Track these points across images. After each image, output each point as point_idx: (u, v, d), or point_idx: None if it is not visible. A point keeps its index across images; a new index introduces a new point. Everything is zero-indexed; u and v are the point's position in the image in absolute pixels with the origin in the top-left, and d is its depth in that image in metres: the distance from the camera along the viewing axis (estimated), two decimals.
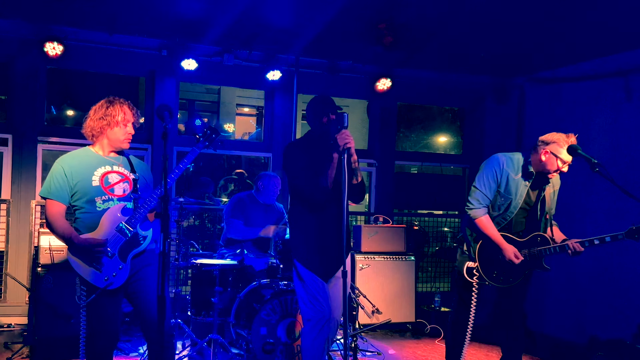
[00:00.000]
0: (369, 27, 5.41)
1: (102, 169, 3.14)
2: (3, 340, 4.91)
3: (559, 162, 3.52)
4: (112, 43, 5.71)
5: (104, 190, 3.09)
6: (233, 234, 5.01)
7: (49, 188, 3.09)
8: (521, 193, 3.61)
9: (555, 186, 3.76)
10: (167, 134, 2.78)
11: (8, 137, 5.71)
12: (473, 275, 3.67)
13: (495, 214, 3.68)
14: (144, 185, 3.24)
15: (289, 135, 6.50)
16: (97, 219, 3.05)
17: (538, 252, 3.64)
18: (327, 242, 3.33)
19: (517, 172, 3.62)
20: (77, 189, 3.08)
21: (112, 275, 3.02)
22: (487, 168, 3.65)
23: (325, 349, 3.41)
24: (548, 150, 3.53)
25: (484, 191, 3.62)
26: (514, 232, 3.69)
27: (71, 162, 3.13)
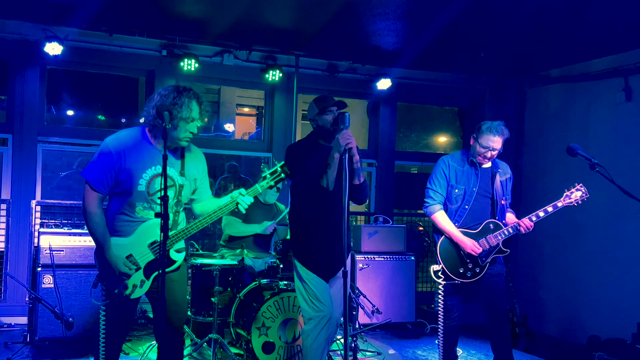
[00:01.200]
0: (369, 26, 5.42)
1: (152, 169, 2.89)
2: (3, 340, 4.90)
3: (478, 147, 3.78)
4: (112, 43, 5.71)
5: (148, 197, 2.90)
6: (230, 230, 5.00)
7: (92, 171, 2.83)
8: (474, 181, 3.85)
9: (506, 174, 3.98)
10: (167, 133, 2.76)
11: (8, 137, 5.71)
12: (439, 277, 3.83)
13: (454, 206, 3.88)
14: (190, 191, 3.05)
15: (289, 135, 6.50)
16: (132, 226, 2.91)
17: (494, 237, 3.82)
18: (328, 242, 3.33)
19: (463, 164, 3.89)
20: (121, 187, 2.87)
21: (132, 286, 2.92)
22: (435, 169, 3.98)
23: (326, 349, 3.41)
24: (474, 136, 3.84)
25: (435, 188, 3.90)
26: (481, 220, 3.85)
27: (123, 150, 2.84)
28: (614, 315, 5.56)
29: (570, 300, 6.17)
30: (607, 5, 4.55)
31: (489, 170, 3.91)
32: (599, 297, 5.80)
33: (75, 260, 4.68)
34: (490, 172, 3.90)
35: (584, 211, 5.91)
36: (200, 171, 3.14)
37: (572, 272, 6.18)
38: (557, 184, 6.34)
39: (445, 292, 3.87)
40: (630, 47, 5.58)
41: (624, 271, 5.59)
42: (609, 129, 5.86)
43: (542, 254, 6.59)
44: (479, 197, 3.86)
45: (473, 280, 3.85)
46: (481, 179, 3.87)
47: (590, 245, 5.96)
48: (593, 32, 5.23)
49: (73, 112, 7.43)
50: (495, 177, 3.88)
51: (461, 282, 3.85)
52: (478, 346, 5.41)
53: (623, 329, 5.19)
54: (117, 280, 2.92)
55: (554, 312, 6.34)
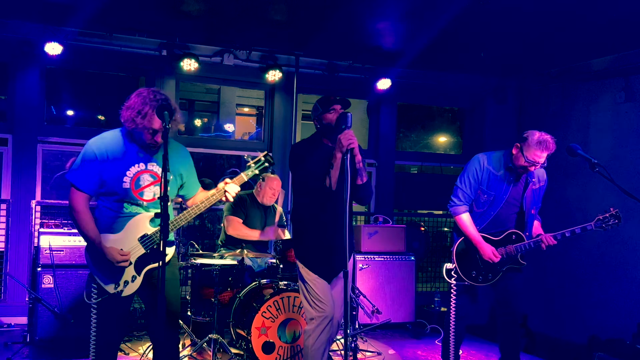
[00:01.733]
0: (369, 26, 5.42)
1: (135, 167, 2.95)
2: (3, 340, 4.90)
3: (522, 160, 3.59)
4: (112, 43, 5.71)
5: (133, 195, 2.94)
6: (232, 231, 5.00)
7: (77, 174, 2.90)
8: (505, 189, 3.70)
9: (541, 182, 3.82)
10: (167, 133, 2.76)
11: (8, 137, 5.71)
12: (452, 277, 3.77)
13: (480, 210, 3.77)
14: (176, 185, 3.09)
15: (289, 135, 6.50)
16: (120, 222, 2.94)
17: (514, 249, 3.74)
18: (330, 243, 3.33)
19: (499, 169, 3.71)
20: (107, 186, 2.92)
21: (124, 283, 2.94)
22: (468, 167, 3.79)
23: (327, 349, 3.41)
24: (519, 145, 3.62)
25: (465, 189, 3.75)
26: (504, 228, 3.76)
27: (105, 150, 2.91)
28: (614, 315, 5.56)
29: (570, 300, 6.17)
30: (607, 5, 4.55)
31: (523, 178, 3.75)
32: (599, 297, 5.80)
33: (75, 260, 4.68)
34: (524, 181, 3.74)
35: (584, 211, 5.93)
36: (185, 166, 3.16)
37: (572, 272, 6.18)
38: (557, 184, 6.36)
39: (458, 291, 3.81)
40: (630, 47, 5.57)
41: (624, 271, 5.59)
42: (609, 129, 5.86)
43: (542, 253, 6.58)
44: (507, 205, 3.73)
45: (484, 285, 3.78)
46: (513, 187, 3.71)
47: (591, 245, 5.96)
48: (593, 32, 5.23)
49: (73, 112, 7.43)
50: (528, 187, 3.74)
51: (471, 284, 3.79)
52: (478, 346, 5.41)
53: (623, 329, 5.19)
54: (109, 276, 2.94)
55: (554, 312, 6.34)
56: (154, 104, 2.86)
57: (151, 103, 2.86)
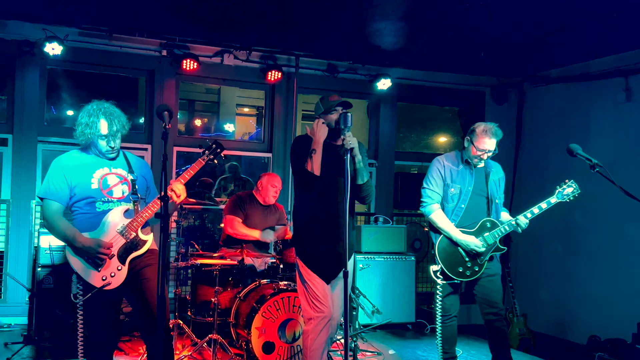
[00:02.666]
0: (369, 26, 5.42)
1: (100, 170, 3.12)
2: (3, 340, 4.90)
3: (473, 149, 3.84)
4: (112, 43, 5.71)
5: (102, 193, 3.08)
6: (231, 230, 5.00)
7: (47, 188, 3.07)
8: (469, 180, 3.89)
9: (498, 174, 4.04)
10: (167, 134, 2.77)
11: (8, 137, 5.71)
12: (439, 277, 3.83)
13: (451, 205, 3.89)
14: (143, 185, 3.24)
15: (289, 135, 6.50)
16: (96, 220, 3.05)
17: (491, 236, 3.84)
18: (330, 242, 3.33)
19: (458, 164, 3.95)
20: (76, 191, 3.07)
21: (110, 276, 3.02)
22: (430, 169, 3.99)
23: (326, 349, 3.41)
24: (468, 138, 3.92)
25: (432, 187, 3.92)
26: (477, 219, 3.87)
27: (69, 163, 3.11)
28: (614, 315, 5.56)
29: (570, 300, 6.17)
30: (607, 5, 4.55)
31: (482, 169, 3.96)
32: (599, 297, 5.80)
33: None
34: (484, 172, 3.96)
35: (584, 211, 5.93)
36: (147, 173, 3.36)
37: (572, 272, 6.17)
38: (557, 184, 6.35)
39: (443, 292, 3.89)
40: (630, 47, 5.57)
41: (624, 271, 5.59)
42: (609, 129, 5.86)
43: (542, 253, 6.59)
44: (474, 196, 3.89)
45: (472, 279, 3.85)
46: (476, 178, 3.91)
47: (590, 245, 5.96)
48: (593, 32, 5.22)
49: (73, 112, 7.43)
50: (489, 177, 3.95)
51: (461, 281, 3.85)
52: (478, 346, 5.41)
53: (623, 329, 5.19)
54: (93, 270, 3.00)
55: (554, 312, 6.34)
56: (97, 113, 3.06)
57: (95, 113, 3.07)
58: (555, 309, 6.34)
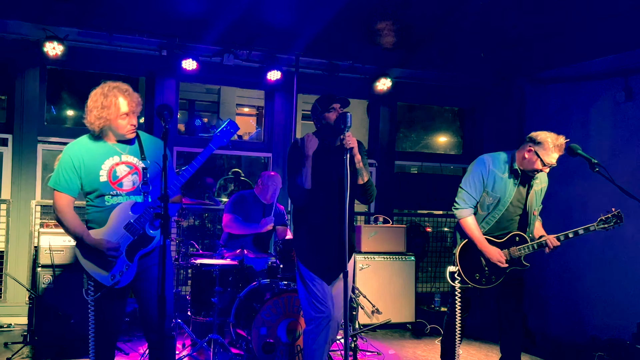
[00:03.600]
0: (369, 27, 5.41)
1: (110, 160, 3.02)
2: (3, 340, 4.90)
3: (539, 163, 3.55)
4: (112, 43, 5.71)
5: (112, 186, 2.99)
6: (229, 229, 5.01)
7: (57, 179, 2.99)
8: (510, 191, 3.66)
9: (542, 183, 3.79)
10: (167, 134, 2.77)
11: (8, 137, 5.71)
12: (455, 279, 3.74)
13: (484, 213, 3.73)
14: (155, 173, 3.10)
15: (289, 135, 6.50)
16: (105, 215, 2.99)
17: (517, 251, 3.72)
18: (330, 243, 3.32)
19: (504, 171, 3.68)
20: (85, 183, 3.00)
21: (118, 274, 2.98)
22: (473, 169, 3.73)
23: (326, 350, 3.41)
24: (533, 149, 3.57)
25: (470, 191, 3.70)
26: (507, 230, 3.74)
27: (79, 153, 3.01)
28: (614, 315, 5.55)
29: (570, 300, 6.16)
30: (608, 5, 4.55)
31: (527, 180, 3.72)
32: (599, 297, 5.79)
33: (75, 260, 4.67)
34: (528, 182, 3.72)
35: (584, 211, 5.92)
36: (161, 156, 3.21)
37: (572, 272, 6.17)
38: (558, 184, 6.35)
39: (462, 294, 3.77)
40: (630, 47, 5.57)
41: (624, 271, 5.59)
42: (609, 129, 5.86)
43: (542, 253, 6.58)
44: (510, 206, 3.70)
45: (487, 288, 3.75)
46: (518, 190, 3.69)
47: (591, 245, 5.96)
48: (593, 32, 5.22)
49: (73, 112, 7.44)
50: (532, 188, 3.72)
51: (474, 286, 3.76)
52: (478, 346, 5.41)
53: (623, 329, 5.19)
54: (103, 269, 2.96)
55: (554, 312, 6.34)
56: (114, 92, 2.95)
57: (111, 92, 2.95)
58: (555, 309, 6.34)
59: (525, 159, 3.60)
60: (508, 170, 3.67)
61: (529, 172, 3.63)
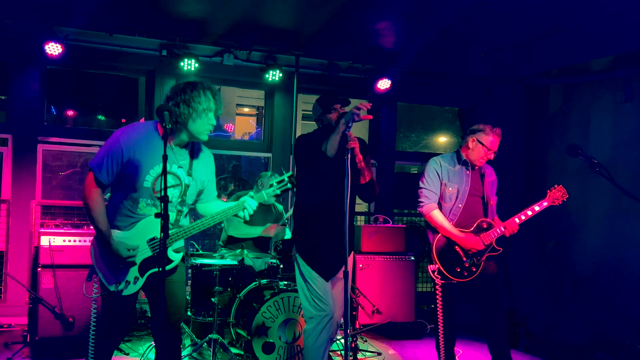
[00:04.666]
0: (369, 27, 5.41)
1: (160, 167, 2.72)
2: (3, 340, 4.90)
3: (484, 149, 3.85)
4: (112, 43, 5.71)
5: (152, 194, 2.85)
6: (233, 232, 5.00)
7: (100, 164, 2.79)
8: (466, 180, 3.91)
9: (492, 176, 4.07)
10: (167, 134, 2.75)
11: (8, 137, 5.71)
12: (437, 277, 3.85)
13: (448, 204, 3.91)
14: (195, 190, 3.00)
15: (289, 135, 6.50)
16: (131, 220, 2.88)
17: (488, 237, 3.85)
18: (331, 241, 3.33)
19: (455, 164, 3.97)
20: (127, 180, 2.82)
21: (124, 282, 2.88)
22: (426, 169, 4.01)
23: (327, 349, 3.41)
24: (475, 139, 3.91)
25: (429, 187, 3.93)
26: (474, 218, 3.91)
27: (133, 147, 2.79)
28: (614, 315, 5.56)
29: (570, 301, 6.16)
30: (608, 5, 4.54)
31: (477, 170, 4.00)
32: (599, 297, 5.80)
33: (75, 261, 4.67)
34: (479, 173, 4.00)
35: (584, 211, 5.93)
36: (209, 172, 3.11)
37: (572, 272, 6.18)
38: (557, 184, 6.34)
39: (443, 292, 3.88)
40: (630, 47, 5.57)
41: (624, 271, 5.59)
42: (609, 129, 5.86)
43: (543, 253, 6.59)
44: (470, 196, 3.92)
45: (470, 280, 3.85)
46: (472, 179, 3.94)
47: (591, 245, 5.96)
48: (593, 32, 5.22)
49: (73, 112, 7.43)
50: (484, 178, 3.98)
51: (458, 281, 3.84)
52: (478, 346, 5.41)
53: (623, 329, 5.19)
54: (112, 273, 2.87)
55: (554, 312, 6.34)
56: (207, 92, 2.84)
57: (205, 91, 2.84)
58: (555, 309, 6.34)
59: (470, 148, 3.91)
60: (458, 163, 3.96)
61: (476, 160, 3.91)
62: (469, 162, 3.94)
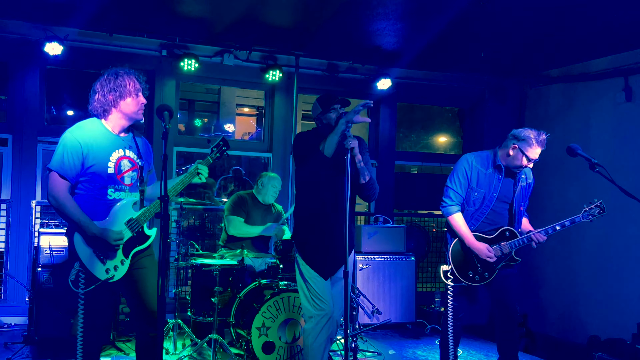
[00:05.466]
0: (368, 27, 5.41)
1: (116, 153, 2.99)
2: (3, 340, 4.90)
3: (524, 160, 3.64)
4: (112, 43, 5.71)
5: (117, 179, 2.97)
6: (233, 231, 5.01)
7: (61, 163, 2.89)
8: (494, 186, 3.75)
9: (528, 179, 3.89)
10: (167, 134, 2.77)
11: (8, 137, 5.71)
12: (448, 278, 3.77)
13: (472, 209, 3.80)
14: (146, 171, 3.14)
15: (289, 135, 6.50)
16: (104, 208, 2.94)
17: (508, 246, 3.75)
18: (331, 241, 3.33)
19: (487, 167, 3.78)
20: (91, 171, 2.92)
21: (113, 268, 2.94)
22: (457, 167, 3.84)
23: (327, 348, 3.41)
24: (517, 146, 3.65)
25: (456, 188, 3.79)
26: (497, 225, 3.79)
27: (88, 140, 2.92)
28: (614, 315, 5.56)
29: (570, 300, 6.16)
30: (608, 5, 4.54)
31: (512, 175, 3.80)
32: (599, 297, 5.80)
33: None
34: (513, 179, 3.80)
35: None
36: (150, 156, 3.28)
37: (572, 272, 6.17)
38: (557, 184, 6.36)
39: (454, 292, 3.79)
40: (630, 47, 5.57)
41: (624, 271, 5.59)
42: (609, 129, 5.86)
43: (543, 253, 6.59)
44: (497, 202, 3.76)
45: (480, 284, 3.79)
46: (503, 185, 3.75)
47: (591, 245, 5.96)
48: (593, 32, 5.22)
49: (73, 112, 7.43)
50: (518, 184, 3.79)
51: (468, 284, 3.79)
52: (478, 346, 5.41)
53: (623, 329, 5.19)
54: (101, 261, 2.92)
55: (554, 312, 6.34)
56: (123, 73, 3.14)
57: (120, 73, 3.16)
58: (555, 309, 6.34)
59: (510, 155, 3.69)
60: (491, 167, 3.77)
61: (514, 168, 3.72)
62: (503, 167, 3.73)
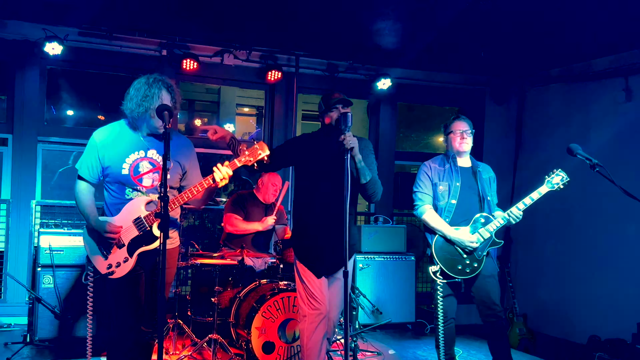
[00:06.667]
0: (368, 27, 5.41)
1: (134, 154, 3.04)
2: (3, 340, 4.90)
3: (455, 135, 3.98)
4: (112, 43, 5.71)
5: (132, 181, 3.03)
6: (231, 228, 5.01)
7: (81, 164, 3.07)
8: (455, 177, 3.93)
9: (489, 173, 4.09)
10: (167, 134, 2.77)
11: (8, 137, 5.71)
12: (439, 277, 3.84)
13: (442, 203, 3.93)
14: (176, 173, 3.13)
15: (289, 135, 6.50)
16: (121, 206, 3.03)
17: (486, 230, 3.83)
18: (328, 241, 3.32)
19: (444, 164, 4.03)
20: (108, 172, 3.04)
21: (115, 264, 2.99)
22: (418, 173, 4.12)
23: (323, 348, 3.39)
24: (445, 135, 4.07)
25: (422, 190, 4.02)
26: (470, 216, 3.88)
27: (106, 142, 3.04)
28: (614, 315, 5.56)
29: (570, 300, 6.16)
30: (607, 5, 4.55)
31: (469, 168, 4.00)
32: (599, 297, 5.79)
33: (75, 260, 4.68)
34: (472, 170, 4.00)
35: (584, 211, 5.93)
36: (187, 156, 3.25)
37: (572, 272, 6.17)
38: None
39: (443, 293, 3.86)
40: (630, 47, 5.57)
41: (624, 271, 5.59)
42: (609, 129, 5.86)
43: (543, 253, 6.59)
44: (464, 192, 3.90)
45: (473, 276, 3.83)
46: (462, 175, 3.94)
47: (591, 245, 5.96)
48: (593, 32, 5.22)
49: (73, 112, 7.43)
50: (477, 174, 3.97)
51: (462, 279, 3.84)
52: (478, 346, 5.41)
53: (623, 329, 5.19)
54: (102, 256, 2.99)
55: (554, 312, 6.34)
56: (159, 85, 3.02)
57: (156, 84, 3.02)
58: (555, 309, 6.34)
59: (447, 144, 4.06)
60: (447, 162, 4.01)
61: (457, 150, 3.98)
62: (455, 157, 3.99)
